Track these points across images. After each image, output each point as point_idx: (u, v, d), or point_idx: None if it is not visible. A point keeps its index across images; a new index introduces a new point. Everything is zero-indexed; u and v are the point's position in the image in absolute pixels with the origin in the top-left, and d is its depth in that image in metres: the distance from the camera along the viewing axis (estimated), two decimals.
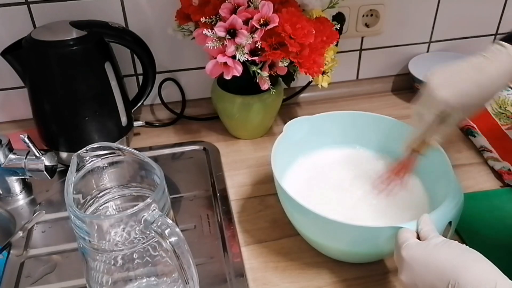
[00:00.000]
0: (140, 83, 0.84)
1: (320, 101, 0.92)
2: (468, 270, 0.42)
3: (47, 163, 0.67)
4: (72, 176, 0.48)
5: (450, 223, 0.53)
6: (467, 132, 0.82)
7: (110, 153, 0.51)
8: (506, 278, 0.41)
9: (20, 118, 0.82)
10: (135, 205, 0.45)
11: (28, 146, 0.64)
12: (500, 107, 0.86)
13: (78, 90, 0.68)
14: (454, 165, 0.74)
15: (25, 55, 0.67)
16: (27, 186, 0.73)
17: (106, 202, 0.54)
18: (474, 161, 0.76)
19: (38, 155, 0.66)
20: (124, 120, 0.75)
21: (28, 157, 0.67)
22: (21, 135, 0.63)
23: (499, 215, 0.65)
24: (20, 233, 0.65)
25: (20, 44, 0.67)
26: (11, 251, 0.62)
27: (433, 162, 0.60)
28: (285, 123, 0.65)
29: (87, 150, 0.50)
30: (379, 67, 0.94)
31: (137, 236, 0.46)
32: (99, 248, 0.46)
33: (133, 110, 0.78)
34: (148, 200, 0.45)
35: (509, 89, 0.90)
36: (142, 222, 0.45)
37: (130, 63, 0.82)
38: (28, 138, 0.63)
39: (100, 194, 0.53)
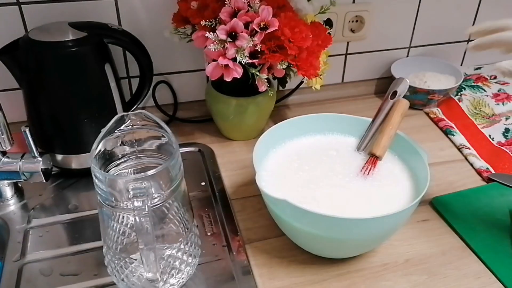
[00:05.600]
0: (132, 86, 0.84)
1: (308, 103, 0.95)
2: None
3: (43, 166, 0.66)
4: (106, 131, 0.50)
5: None
6: (446, 132, 0.87)
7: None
8: None
9: (10, 121, 0.79)
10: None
11: (28, 142, 0.63)
12: (475, 108, 0.93)
13: (79, 91, 0.67)
14: (439, 162, 0.80)
15: (23, 56, 0.66)
16: (19, 191, 0.71)
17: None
18: (456, 158, 0.81)
19: (35, 154, 0.65)
20: None
21: (23, 158, 0.66)
22: (22, 127, 0.62)
23: (489, 211, 0.68)
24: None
25: (16, 45, 0.66)
26: (6, 257, 0.61)
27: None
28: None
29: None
30: (363, 71, 0.99)
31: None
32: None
33: (129, 112, 0.77)
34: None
35: (483, 91, 0.96)
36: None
37: (123, 65, 0.82)
38: (30, 131, 0.63)
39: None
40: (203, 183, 0.74)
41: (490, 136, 0.86)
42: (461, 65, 1.05)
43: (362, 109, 0.94)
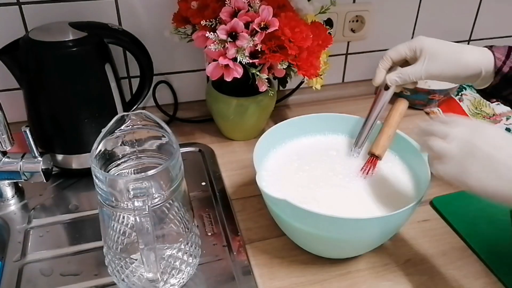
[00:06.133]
0: (133, 86, 0.84)
1: (308, 103, 0.95)
2: None
3: (43, 166, 0.66)
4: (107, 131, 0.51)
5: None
6: None
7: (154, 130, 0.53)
8: None
9: (10, 121, 0.80)
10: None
11: (28, 142, 0.63)
12: (476, 108, 0.93)
13: (79, 91, 0.67)
14: None
15: (23, 56, 0.66)
16: (19, 191, 0.71)
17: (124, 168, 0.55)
18: None
19: (36, 154, 0.65)
20: None
21: (24, 158, 0.66)
22: (22, 127, 0.62)
23: (490, 211, 0.68)
24: None
25: (16, 45, 0.66)
26: (7, 257, 0.61)
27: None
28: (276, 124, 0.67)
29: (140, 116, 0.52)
30: (364, 71, 0.98)
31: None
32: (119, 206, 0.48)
33: (129, 111, 0.78)
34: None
35: None
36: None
37: (123, 65, 0.82)
38: (30, 131, 0.63)
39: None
40: (203, 183, 0.74)
41: None
42: None
43: (362, 109, 0.92)
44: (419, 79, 0.61)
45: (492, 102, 0.65)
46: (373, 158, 0.64)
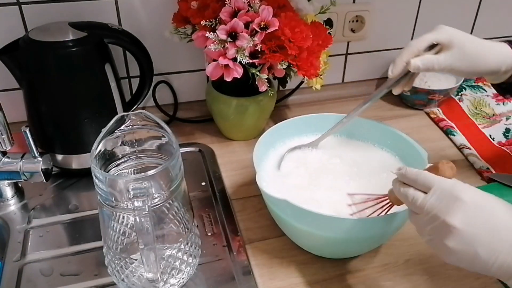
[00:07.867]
0: (133, 86, 0.84)
1: (308, 103, 0.95)
2: None
3: (43, 166, 0.66)
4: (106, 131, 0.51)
5: None
6: (447, 132, 0.87)
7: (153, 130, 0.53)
8: None
9: (10, 121, 0.80)
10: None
11: (28, 142, 0.64)
12: (476, 108, 0.93)
13: (79, 91, 0.68)
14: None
15: (23, 56, 0.66)
16: (19, 191, 0.71)
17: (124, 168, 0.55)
18: (457, 158, 0.81)
19: (36, 154, 0.65)
20: None
21: (24, 159, 0.66)
22: (22, 127, 0.62)
23: None
24: None
25: (16, 45, 0.66)
26: (7, 257, 0.61)
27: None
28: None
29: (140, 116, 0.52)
30: (363, 71, 0.98)
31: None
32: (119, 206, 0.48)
33: (129, 111, 0.78)
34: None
35: (484, 91, 0.96)
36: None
37: (123, 65, 0.82)
38: (30, 131, 0.63)
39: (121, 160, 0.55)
40: (203, 183, 0.74)
41: (490, 136, 0.86)
42: None
43: None
44: (441, 71, 0.60)
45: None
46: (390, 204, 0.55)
